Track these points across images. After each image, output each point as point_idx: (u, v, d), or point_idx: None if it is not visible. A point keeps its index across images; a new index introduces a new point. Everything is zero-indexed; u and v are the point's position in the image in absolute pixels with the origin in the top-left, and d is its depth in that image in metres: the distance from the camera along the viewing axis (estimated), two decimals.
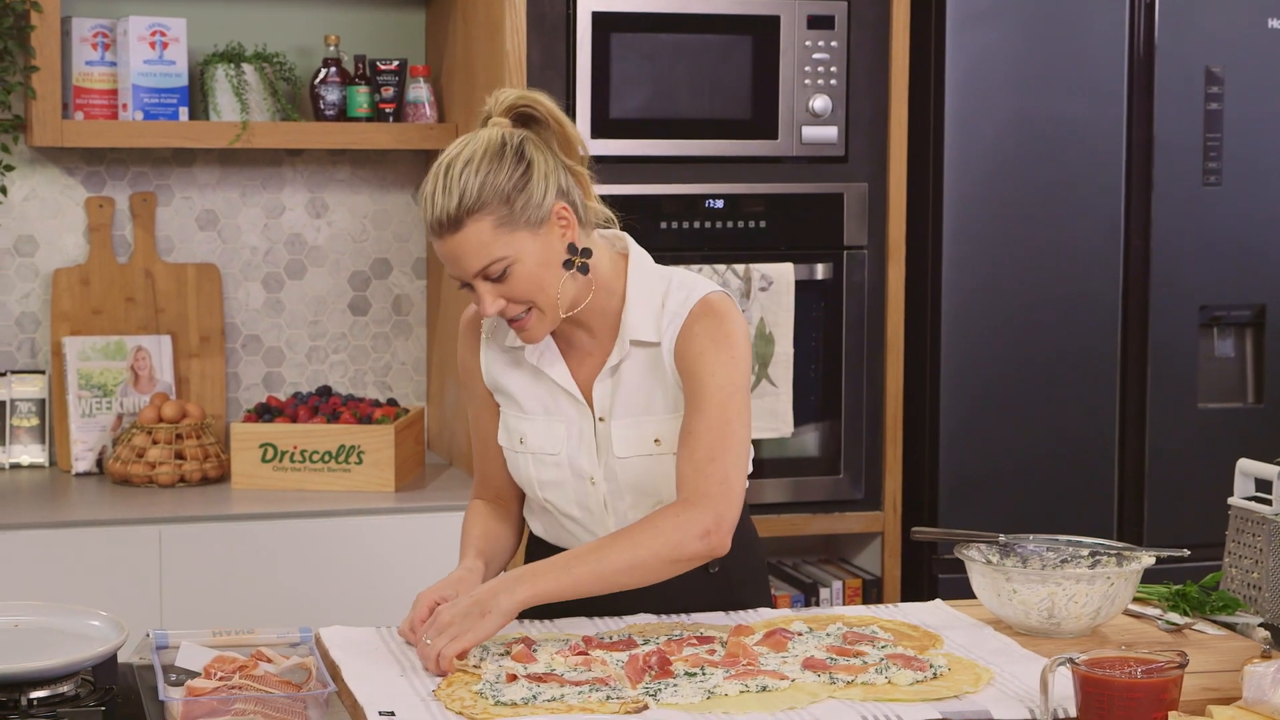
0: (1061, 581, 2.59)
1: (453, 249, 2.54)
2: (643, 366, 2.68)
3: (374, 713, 2.24)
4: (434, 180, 2.56)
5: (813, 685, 2.35)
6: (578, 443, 2.70)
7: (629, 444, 2.68)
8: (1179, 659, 2.21)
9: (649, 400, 2.68)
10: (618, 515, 2.72)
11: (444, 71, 4.34)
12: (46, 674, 2.26)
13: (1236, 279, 4.33)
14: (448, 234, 2.53)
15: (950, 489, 4.18)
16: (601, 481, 2.70)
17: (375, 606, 3.77)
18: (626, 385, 2.68)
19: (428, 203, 2.56)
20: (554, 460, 2.71)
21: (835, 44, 4.06)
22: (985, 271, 4.17)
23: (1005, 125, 4.15)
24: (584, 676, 2.36)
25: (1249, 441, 4.33)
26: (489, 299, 2.56)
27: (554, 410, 2.71)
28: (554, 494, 2.73)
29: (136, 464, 4.05)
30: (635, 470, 2.69)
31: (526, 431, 2.72)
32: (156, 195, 4.34)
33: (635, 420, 2.68)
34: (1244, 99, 4.27)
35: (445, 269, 2.61)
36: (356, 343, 4.51)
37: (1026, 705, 2.29)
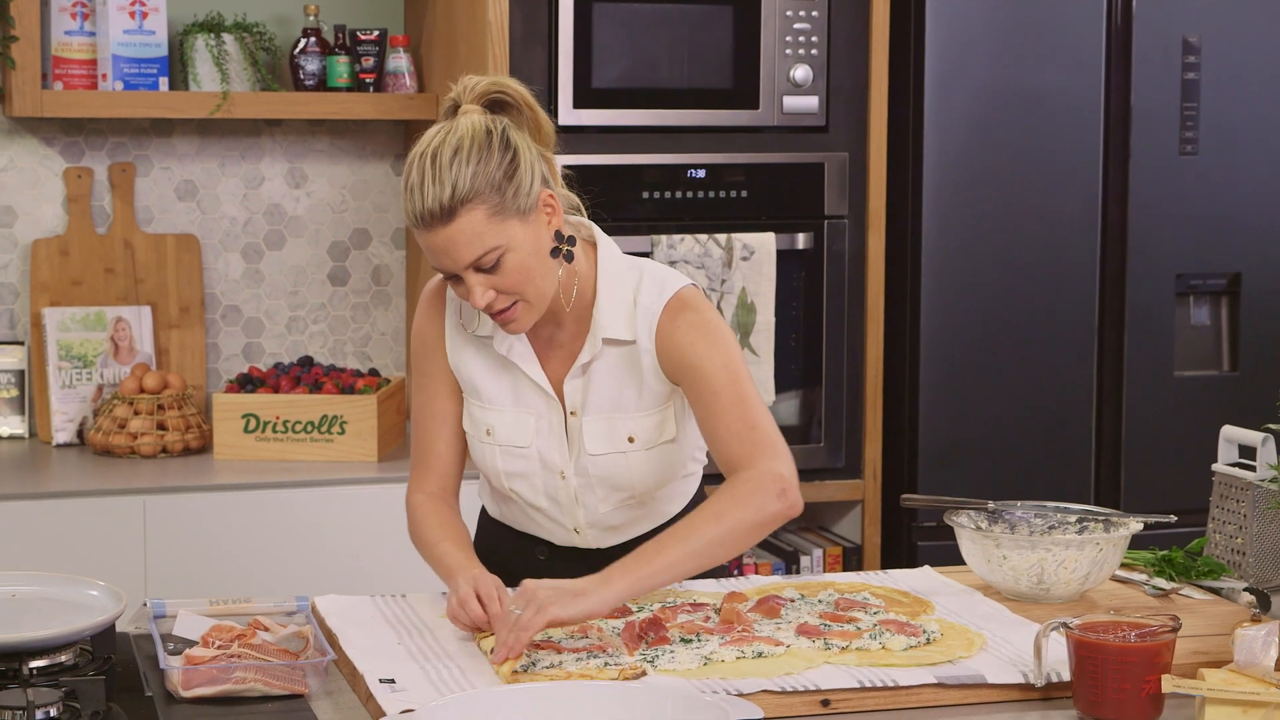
0: (1051, 547, 2.62)
1: (444, 241, 2.46)
2: (615, 364, 2.63)
3: (374, 680, 2.26)
4: (419, 171, 2.46)
5: (808, 651, 2.37)
6: (548, 436, 2.64)
7: (601, 441, 2.63)
8: (1172, 623, 2.24)
9: (620, 397, 2.63)
10: (588, 508, 2.68)
11: (423, 41, 4.34)
12: (47, 643, 2.27)
13: (1212, 247, 4.36)
14: (439, 225, 2.45)
15: (930, 457, 4.21)
16: (573, 476, 2.65)
17: (360, 576, 3.79)
18: (598, 382, 2.63)
19: (414, 194, 2.46)
20: (523, 453, 2.65)
21: (816, 14, 4.07)
22: (964, 240, 4.19)
23: (984, 95, 4.17)
24: (580, 644, 2.38)
25: (1224, 409, 4.36)
26: (479, 290, 2.49)
27: (521, 402, 2.65)
28: (521, 485, 2.68)
29: (118, 435, 4.05)
30: (607, 466, 2.64)
31: (494, 423, 2.65)
32: (135, 166, 4.33)
33: (608, 418, 2.63)
34: (1220, 68, 4.30)
35: (430, 262, 2.51)
36: (336, 313, 4.51)
37: (1020, 670, 2.32)
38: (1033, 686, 2.29)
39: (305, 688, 2.29)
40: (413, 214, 2.47)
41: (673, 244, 3.96)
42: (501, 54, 3.87)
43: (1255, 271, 4.39)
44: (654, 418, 2.64)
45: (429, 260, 2.53)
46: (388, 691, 2.22)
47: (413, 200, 2.47)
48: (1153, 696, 2.20)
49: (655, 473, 2.67)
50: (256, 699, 2.27)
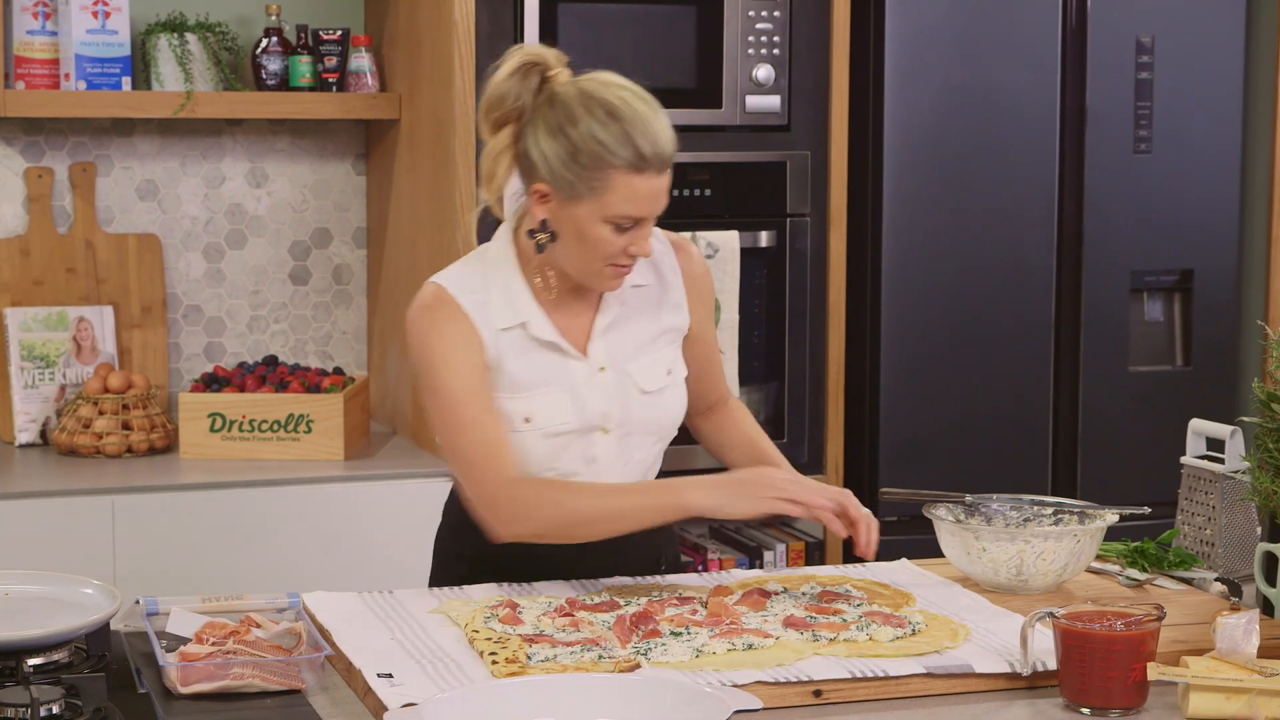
0: (1030, 539, 2.66)
1: (658, 187, 2.58)
2: (635, 309, 2.74)
3: (372, 675, 2.28)
4: (641, 116, 2.57)
5: (797, 643, 2.41)
6: (585, 398, 2.68)
7: (650, 377, 2.72)
8: (1156, 612, 2.29)
9: (646, 337, 2.74)
10: (626, 460, 2.73)
11: (385, 40, 4.35)
12: (45, 641, 2.28)
13: (1165, 244, 4.43)
14: (656, 172, 2.57)
15: (890, 452, 4.26)
16: (615, 427, 2.71)
17: (330, 574, 3.80)
18: (624, 330, 2.72)
19: (647, 133, 2.55)
20: (564, 425, 2.68)
21: (778, 14, 4.11)
22: (924, 238, 4.24)
23: (943, 95, 4.22)
24: (574, 637, 2.41)
25: (1178, 403, 4.44)
26: (648, 241, 2.61)
27: (555, 379, 2.68)
28: (563, 461, 2.71)
29: (83, 435, 4.04)
30: (653, 406, 2.73)
31: (533, 410, 2.67)
32: (96, 165, 4.33)
33: (646, 358, 2.73)
34: (1172, 68, 4.37)
35: (623, 208, 2.55)
36: (297, 312, 4.52)
37: (1006, 659, 2.36)
38: (1019, 675, 2.33)
39: (302, 683, 2.31)
40: (641, 156, 2.55)
41: None
42: (468, 53, 3.89)
43: (1207, 268, 4.46)
44: (675, 350, 2.77)
45: (620, 209, 2.55)
46: (386, 686, 2.23)
47: (647, 139, 2.55)
48: (1138, 684, 2.25)
49: (679, 415, 2.78)
50: (254, 695, 2.28)
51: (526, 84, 2.61)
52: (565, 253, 2.64)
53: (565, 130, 2.56)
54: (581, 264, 2.63)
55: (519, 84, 2.61)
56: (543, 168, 2.59)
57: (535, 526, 2.63)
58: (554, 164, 2.57)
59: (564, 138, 2.56)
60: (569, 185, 2.57)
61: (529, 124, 2.62)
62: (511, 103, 2.62)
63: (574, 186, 2.56)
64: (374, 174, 4.47)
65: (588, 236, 2.59)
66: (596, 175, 2.55)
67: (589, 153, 2.54)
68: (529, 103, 2.62)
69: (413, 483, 3.95)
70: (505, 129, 2.64)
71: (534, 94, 2.61)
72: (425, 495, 3.93)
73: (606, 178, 2.54)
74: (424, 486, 3.95)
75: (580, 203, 2.57)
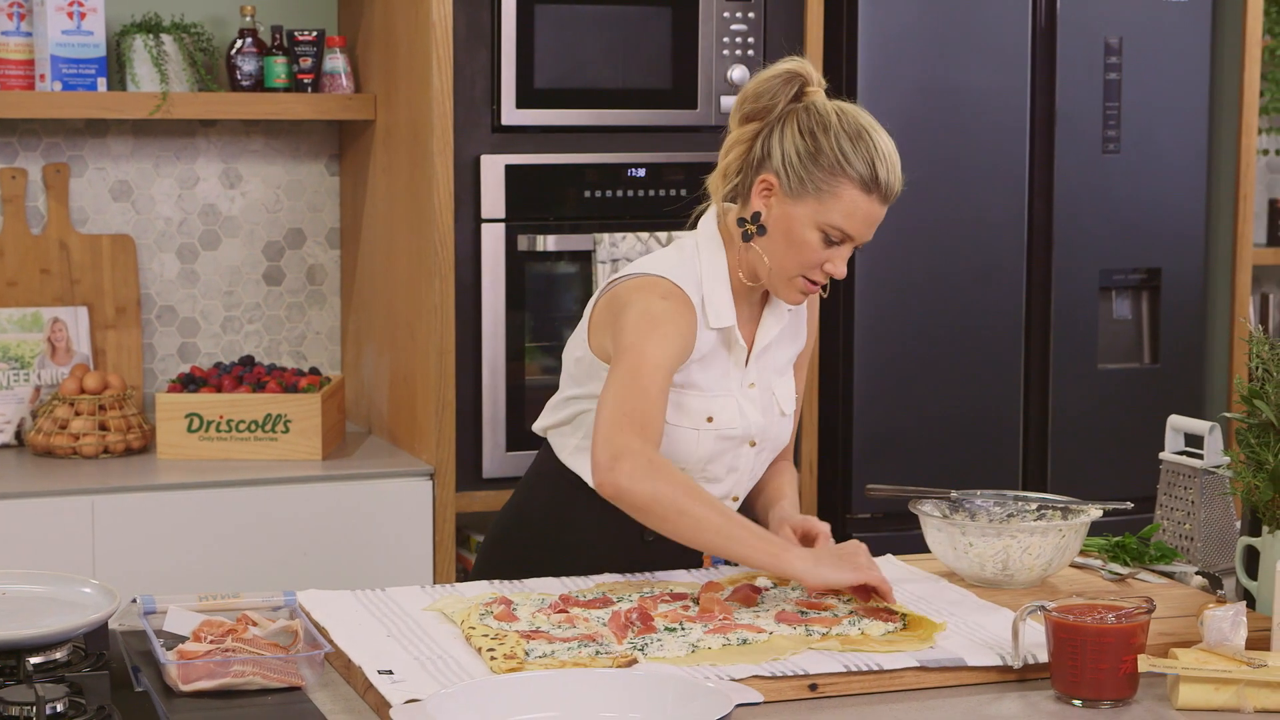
0: (1016, 534, 2.70)
1: (878, 215, 2.71)
2: (786, 332, 2.88)
3: (373, 672, 2.29)
4: (888, 149, 2.71)
5: (790, 638, 2.43)
6: (747, 410, 2.80)
7: (791, 402, 2.87)
8: (1146, 605, 2.32)
9: (784, 362, 2.89)
10: (753, 475, 2.88)
11: (359, 41, 4.36)
12: (45, 640, 2.29)
13: (1133, 243, 4.48)
14: (885, 201, 2.71)
15: (864, 450, 4.29)
16: (760, 442, 2.83)
17: (311, 573, 3.81)
18: (773, 351, 2.85)
19: (886, 162, 2.69)
20: (733, 432, 2.78)
21: (752, 15, 4.14)
22: (896, 237, 4.26)
23: (915, 95, 4.26)
24: (570, 633, 2.43)
25: (1145, 400, 4.49)
26: (844, 265, 2.73)
27: (728, 387, 2.79)
28: (717, 465, 2.80)
29: (59, 435, 4.04)
30: (784, 428, 2.87)
31: (716, 410, 2.77)
32: (70, 166, 4.33)
33: (785, 381, 2.87)
34: (1141, 69, 4.42)
35: (839, 221, 2.68)
36: (271, 313, 4.53)
37: (997, 652, 2.39)
38: (1011, 669, 2.37)
39: (302, 680, 2.33)
40: (875, 178, 2.68)
41: (615, 242, 4.02)
42: (445, 55, 3.91)
43: (1174, 266, 4.51)
44: (794, 379, 2.92)
45: (836, 220, 2.67)
46: (388, 682, 2.25)
47: (884, 166, 2.70)
48: (1129, 675, 2.28)
49: (790, 436, 2.92)
50: (255, 692, 2.30)
51: (787, 89, 2.74)
52: (768, 249, 2.73)
53: (816, 133, 2.69)
54: (778, 266, 2.73)
55: (781, 87, 2.73)
56: (778, 160, 2.71)
57: (648, 495, 2.58)
58: (793, 159, 2.69)
59: (812, 139, 2.68)
60: (800, 182, 2.68)
61: (776, 123, 2.73)
62: (767, 100, 2.74)
63: (804, 184, 2.68)
64: (348, 174, 4.48)
65: (795, 238, 2.70)
66: (830, 180, 2.67)
67: (831, 156, 2.67)
68: (782, 106, 2.73)
69: (392, 482, 3.96)
70: (751, 124, 2.77)
71: (789, 100, 2.74)
72: (404, 494, 3.97)
73: (838, 185, 2.67)
74: (402, 486, 3.97)
75: (803, 202, 2.69)
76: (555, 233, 4.05)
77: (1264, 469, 2.60)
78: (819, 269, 2.71)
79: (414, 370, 4.08)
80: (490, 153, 3.99)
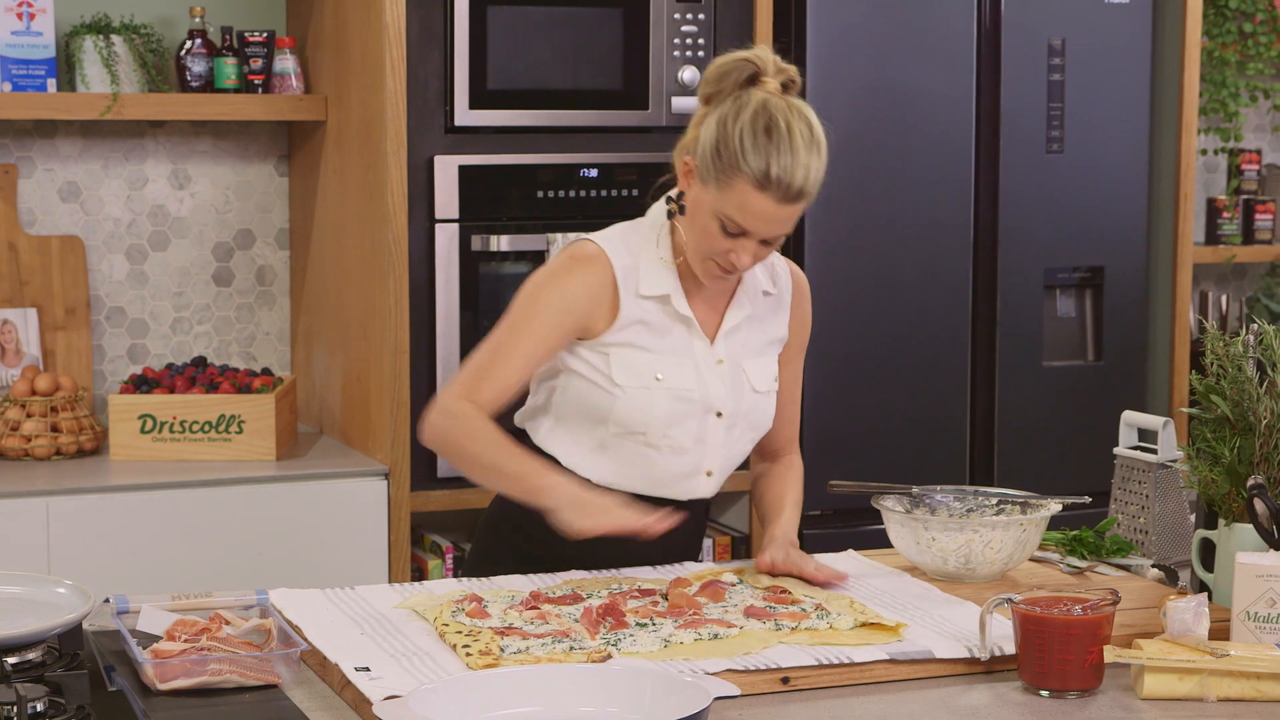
0: (978, 529, 2.74)
1: (775, 213, 2.69)
2: (758, 313, 2.91)
3: (350, 668, 2.31)
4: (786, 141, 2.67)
5: (760, 632, 2.46)
6: (707, 379, 2.84)
7: (763, 379, 2.90)
8: (1112, 597, 2.37)
9: (762, 343, 2.91)
10: (727, 449, 2.89)
11: (309, 42, 4.37)
12: (20, 640, 2.29)
13: (1077, 242, 4.54)
14: (782, 200, 2.68)
15: (813, 448, 4.32)
16: (728, 415, 2.86)
17: (268, 573, 3.82)
18: (746, 331, 2.89)
19: (785, 160, 2.66)
20: (688, 394, 2.83)
21: (703, 17, 4.17)
22: (845, 236, 4.32)
23: (863, 96, 4.30)
24: (543, 629, 2.45)
25: (1090, 397, 4.56)
26: (750, 255, 2.74)
27: (684, 352, 2.84)
28: (678, 430, 2.83)
29: (11, 437, 4.03)
30: (759, 405, 2.89)
31: (664, 370, 2.82)
32: (18, 167, 4.31)
33: (760, 361, 2.91)
34: (1083, 70, 4.48)
35: (732, 213, 2.69)
36: (221, 314, 4.53)
37: (964, 644, 2.43)
38: (978, 660, 2.41)
39: (278, 678, 2.34)
40: (767, 175, 2.67)
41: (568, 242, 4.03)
42: (399, 56, 3.92)
43: (1116, 264, 4.58)
44: (776, 364, 2.94)
45: (731, 213, 2.68)
46: (366, 679, 2.26)
47: (780, 164, 2.67)
48: (1095, 666, 2.32)
49: (771, 421, 2.94)
50: (231, 690, 2.31)
51: (738, 75, 2.76)
52: (686, 229, 2.81)
53: (727, 124, 2.71)
54: (691, 246, 2.80)
55: (734, 72, 2.76)
56: (699, 145, 2.76)
57: (437, 438, 2.80)
58: (705, 146, 2.73)
59: (723, 128, 2.71)
60: (706, 169, 2.73)
61: (716, 106, 2.76)
62: (718, 84, 2.77)
63: (709, 172, 2.72)
64: (297, 175, 4.48)
65: (699, 223, 2.76)
66: (728, 172, 2.70)
67: (731, 149, 2.69)
68: (729, 90, 2.76)
69: (346, 482, 3.98)
70: (705, 106, 2.80)
71: (736, 86, 2.76)
72: (359, 494, 3.98)
73: (734, 178, 2.69)
74: (357, 485, 3.98)
75: (708, 189, 2.73)
76: (508, 233, 4.07)
77: (1220, 463, 2.65)
78: (724, 256, 2.76)
79: (367, 370, 4.09)
80: (443, 153, 4.01)
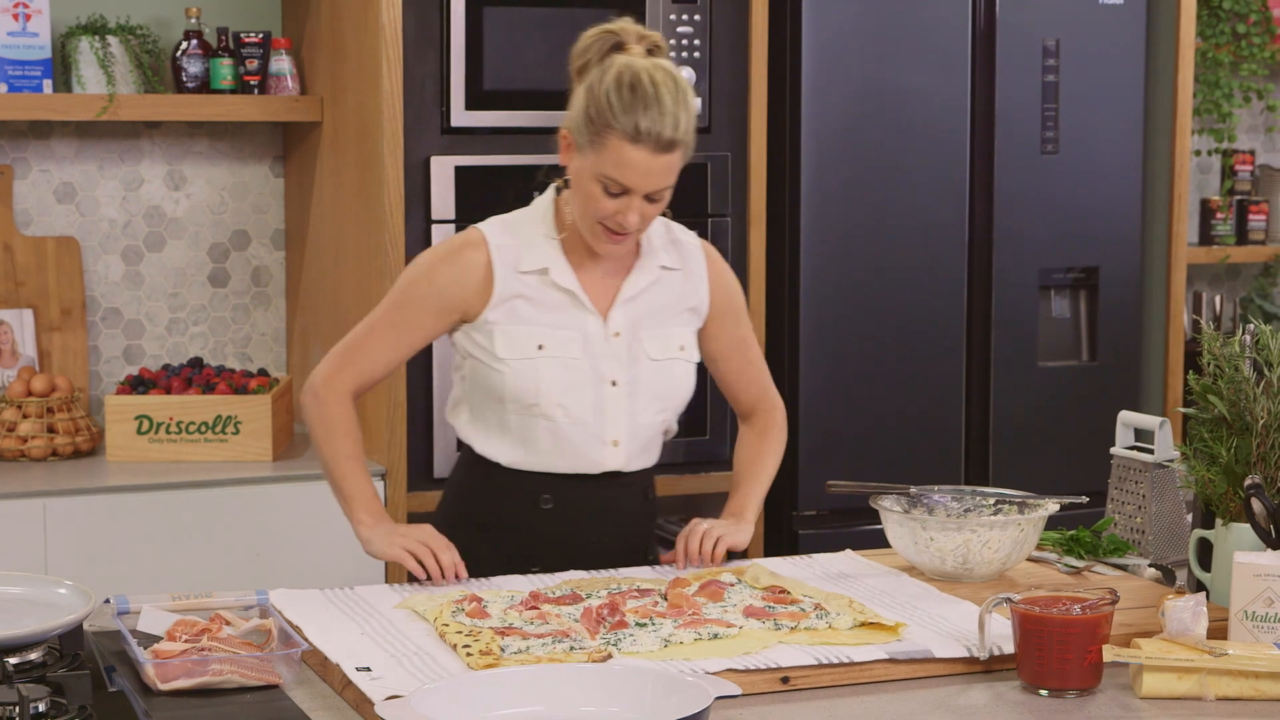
0: (976, 529, 2.75)
1: (652, 165, 2.75)
2: (661, 287, 2.94)
3: (351, 668, 2.31)
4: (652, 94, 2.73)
5: (759, 632, 2.47)
6: (598, 350, 2.88)
7: (660, 347, 2.93)
8: (1110, 596, 2.37)
9: (666, 315, 2.94)
10: (631, 418, 2.91)
11: (305, 43, 4.37)
12: (22, 641, 2.29)
13: (1071, 242, 4.55)
14: (659, 151, 2.74)
15: (809, 447, 4.33)
16: (624, 384, 2.89)
17: (265, 574, 3.82)
18: (646, 303, 2.92)
19: (651, 113, 2.72)
20: (575, 364, 2.86)
21: (698, 18, 4.18)
22: (841, 237, 4.32)
23: (858, 97, 4.31)
24: (543, 629, 2.46)
25: (1084, 397, 4.56)
26: (637, 215, 2.78)
27: (569, 324, 2.87)
28: (570, 397, 2.86)
29: (8, 438, 4.03)
30: (660, 373, 2.91)
31: (545, 339, 2.86)
32: (13, 168, 4.31)
33: (661, 331, 2.93)
34: (1077, 71, 4.48)
35: (612, 173, 2.73)
36: (216, 314, 4.53)
37: (963, 644, 2.44)
38: (977, 660, 2.41)
39: (279, 678, 2.35)
40: (638, 129, 2.73)
41: None
42: (395, 56, 3.92)
43: (1111, 264, 4.58)
44: (691, 336, 2.98)
45: (610, 172, 2.74)
46: (367, 679, 2.27)
47: (649, 117, 2.72)
48: (1094, 665, 2.33)
49: (686, 390, 2.97)
50: (232, 690, 2.31)
51: (600, 45, 2.83)
52: (572, 201, 2.85)
53: (593, 88, 2.78)
54: (579, 216, 2.85)
55: (596, 43, 2.83)
56: (569, 116, 2.82)
57: (307, 422, 2.96)
58: (576, 114, 2.80)
59: (590, 94, 2.78)
60: (580, 134, 2.79)
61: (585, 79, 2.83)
62: (581, 58, 2.84)
63: (583, 137, 2.78)
64: (292, 176, 4.48)
65: (582, 189, 2.81)
66: (601, 132, 2.76)
67: (600, 109, 2.76)
68: (594, 61, 2.82)
69: None
70: (576, 80, 2.86)
71: (601, 55, 2.82)
72: None
73: (606, 136, 2.75)
74: None
75: (585, 155, 2.79)
76: None
77: (1217, 463, 2.66)
78: (612, 218, 2.80)
79: None
80: (440, 154, 4.01)
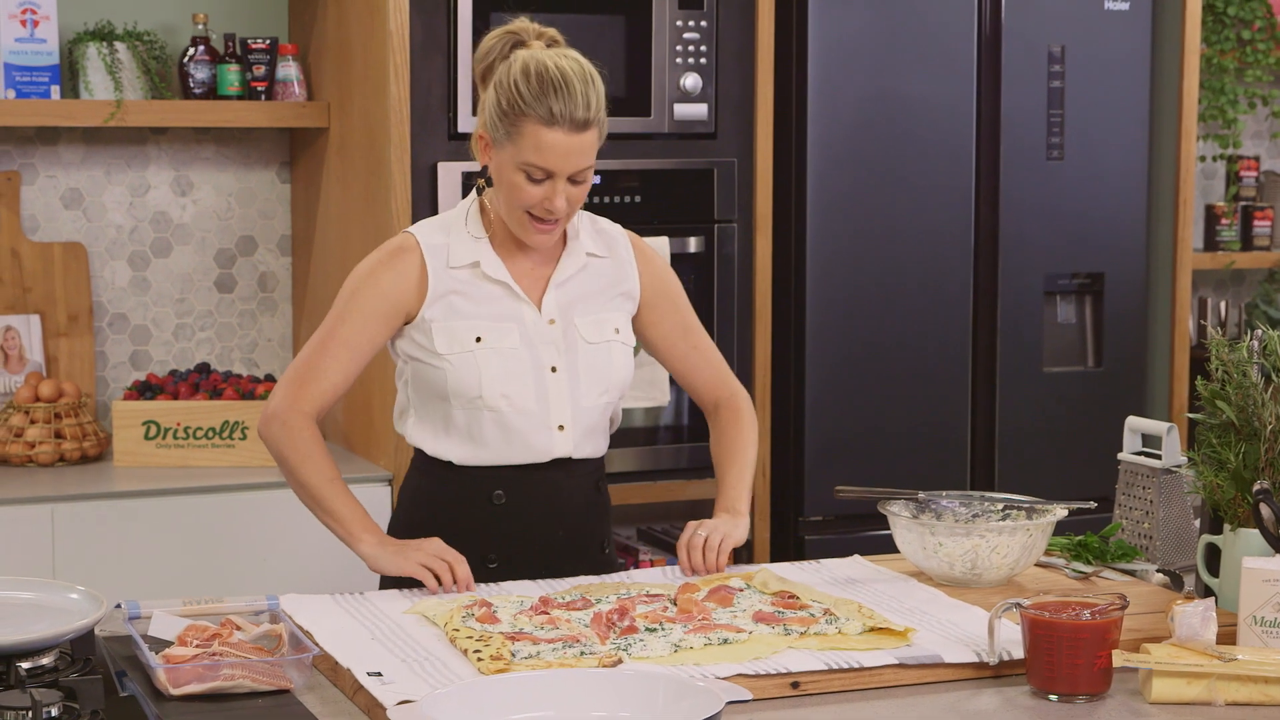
0: (985, 534, 2.75)
1: (573, 146, 2.78)
2: (590, 274, 2.97)
3: (362, 674, 2.32)
4: (562, 78, 2.77)
5: (769, 637, 2.47)
6: (535, 338, 2.90)
7: (594, 331, 2.94)
8: (1120, 601, 2.38)
9: (597, 302, 2.96)
10: (575, 402, 2.93)
11: (311, 49, 4.38)
12: (34, 645, 2.30)
13: (1077, 248, 4.56)
14: (573, 131, 2.77)
15: (815, 452, 4.34)
16: (564, 369, 2.91)
17: (273, 579, 3.82)
18: (576, 291, 2.95)
19: (564, 95, 2.76)
20: (515, 354, 2.88)
21: (705, 24, 4.19)
22: (847, 242, 4.33)
23: (864, 103, 4.31)
24: (554, 634, 2.46)
25: (1089, 403, 4.57)
26: (563, 199, 2.82)
27: (505, 315, 2.90)
28: (514, 386, 2.88)
29: (15, 444, 4.04)
30: (599, 357, 2.94)
31: (483, 331, 2.88)
32: (21, 174, 4.32)
33: (594, 316, 2.95)
34: (1083, 77, 4.49)
35: (533, 159, 2.76)
36: (223, 320, 4.53)
37: (973, 649, 2.44)
38: (987, 665, 2.42)
39: (290, 683, 2.35)
40: (552, 112, 2.76)
41: None
42: (402, 62, 3.93)
43: (1116, 270, 4.59)
44: (625, 320, 3.00)
45: (529, 158, 2.77)
46: (378, 684, 2.27)
47: (561, 100, 2.76)
48: (1103, 670, 2.34)
49: (625, 373, 2.98)
50: (244, 695, 2.32)
51: (502, 45, 2.87)
52: (498, 199, 2.88)
53: (503, 82, 2.82)
54: (506, 211, 2.88)
55: (498, 43, 2.88)
56: (482, 115, 2.86)
57: (274, 451, 2.93)
58: (489, 111, 2.84)
59: (499, 88, 2.82)
60: (495, 129, 2.82)
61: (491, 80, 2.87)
62: (484, 60, 2.89)
63: (498, 131, 2.82)
64: (299, 182, 4.49)
65: (504, 182, 2.84)
66: (515, 121, 2.79)
67: (509, 100, 2.79)
68: (498, 62, 2.87)
69: (350, 488, 3.96)
70: (483, 85, 2.91)
71: (504, 55, 2.86)
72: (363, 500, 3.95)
73: (520, 125, 2.79)
74: (361, 491, 3.96)
75: (503, 149, 2.82)
76: None
77: (1225, 468, 2.66)
78: (539, 206, 2.82)
79: (370, 376, 4.09)
80: (446, 160, 4.02)
